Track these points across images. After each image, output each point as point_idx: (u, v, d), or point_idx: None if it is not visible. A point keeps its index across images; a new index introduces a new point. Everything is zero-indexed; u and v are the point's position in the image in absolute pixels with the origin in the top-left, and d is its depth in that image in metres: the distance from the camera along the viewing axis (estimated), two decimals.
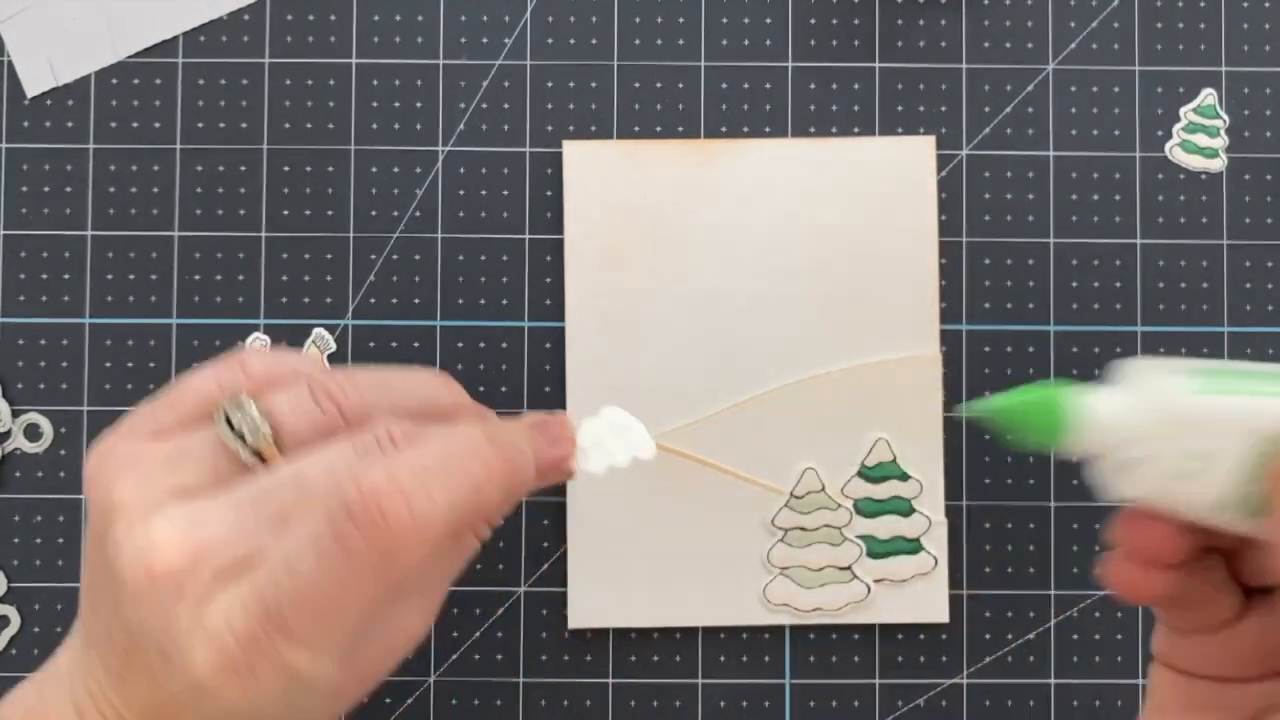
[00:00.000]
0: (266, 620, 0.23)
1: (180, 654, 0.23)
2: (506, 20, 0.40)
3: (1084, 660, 0.39)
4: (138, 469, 0.25)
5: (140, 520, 0.24)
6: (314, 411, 0.25)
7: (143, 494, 0.24)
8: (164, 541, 0.23)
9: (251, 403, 0.25)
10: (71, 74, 0.40)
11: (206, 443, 0.25)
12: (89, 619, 0.26)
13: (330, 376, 0.26)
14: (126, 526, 0.24)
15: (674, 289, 0.39)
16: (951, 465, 0.39)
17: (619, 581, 0.39)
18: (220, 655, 0.23)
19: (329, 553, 0.23)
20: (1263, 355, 0.40)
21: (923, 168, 0.40)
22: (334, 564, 0.23)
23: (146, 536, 0.23)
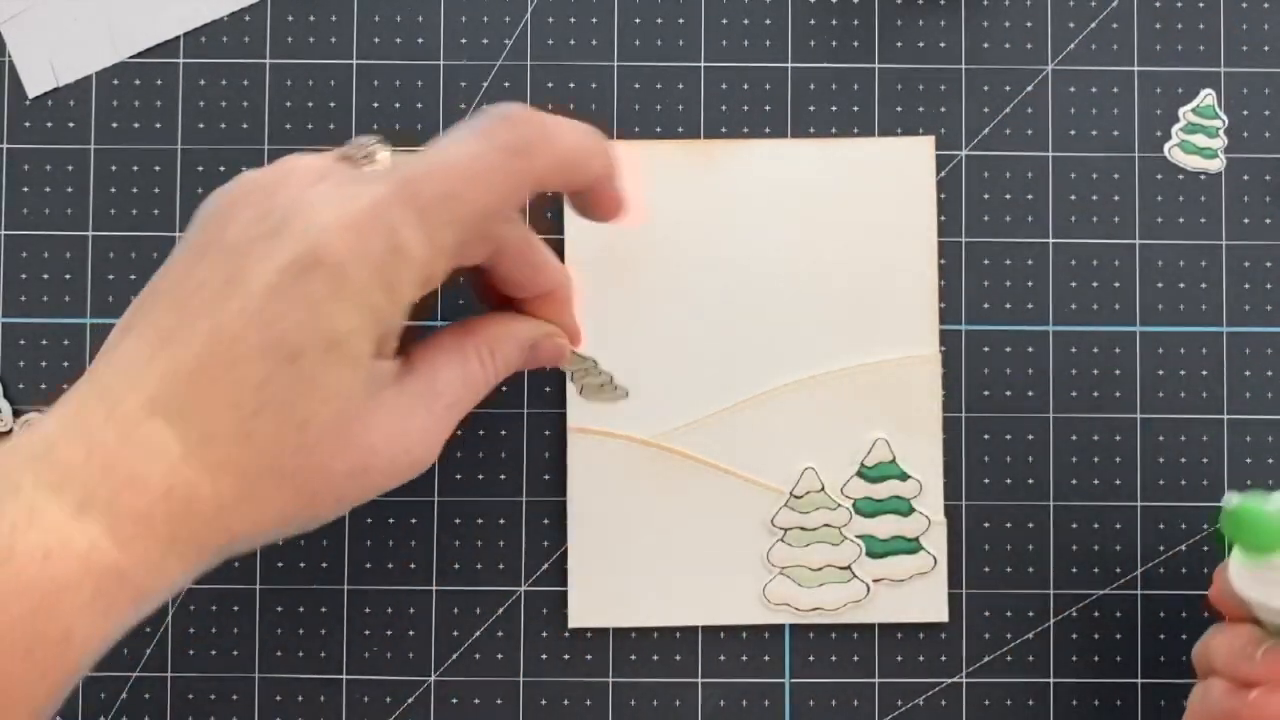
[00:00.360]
0: (401, 188, 0.27)
1: (306, 213, 0.26)
2: (507, 21, 0.40)
3: (1083, 660, 0.39)
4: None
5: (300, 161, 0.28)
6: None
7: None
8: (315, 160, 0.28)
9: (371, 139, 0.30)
10: (72, 74, 0.40)
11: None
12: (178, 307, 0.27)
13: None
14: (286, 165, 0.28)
15: (674, 289, 0.39)
16: (951, 465, 0.39)
17: (619, 581, 0.39)
18: (346, 214, 0.26)
19: (472, 138, 0.28)
20: (1262, 355, 0.40)
21: (922, 168, 0.40)
22: (473, 148, 0.28)
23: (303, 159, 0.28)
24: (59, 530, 0.25)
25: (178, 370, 0.26)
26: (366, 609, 0.40)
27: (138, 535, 0.26)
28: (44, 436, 0.26)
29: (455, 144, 0.28)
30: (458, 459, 0.40)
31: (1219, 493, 0.40)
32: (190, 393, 0.26)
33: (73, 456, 0.26)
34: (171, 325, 0.27)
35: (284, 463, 0.27)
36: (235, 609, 0.40)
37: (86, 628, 0.25)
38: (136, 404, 0.26)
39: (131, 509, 0.26)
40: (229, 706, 0.39)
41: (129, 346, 0.27)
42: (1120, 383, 0.40)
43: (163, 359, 0.26)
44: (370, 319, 0.27)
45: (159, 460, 0.26)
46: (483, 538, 0.40)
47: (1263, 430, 0.40)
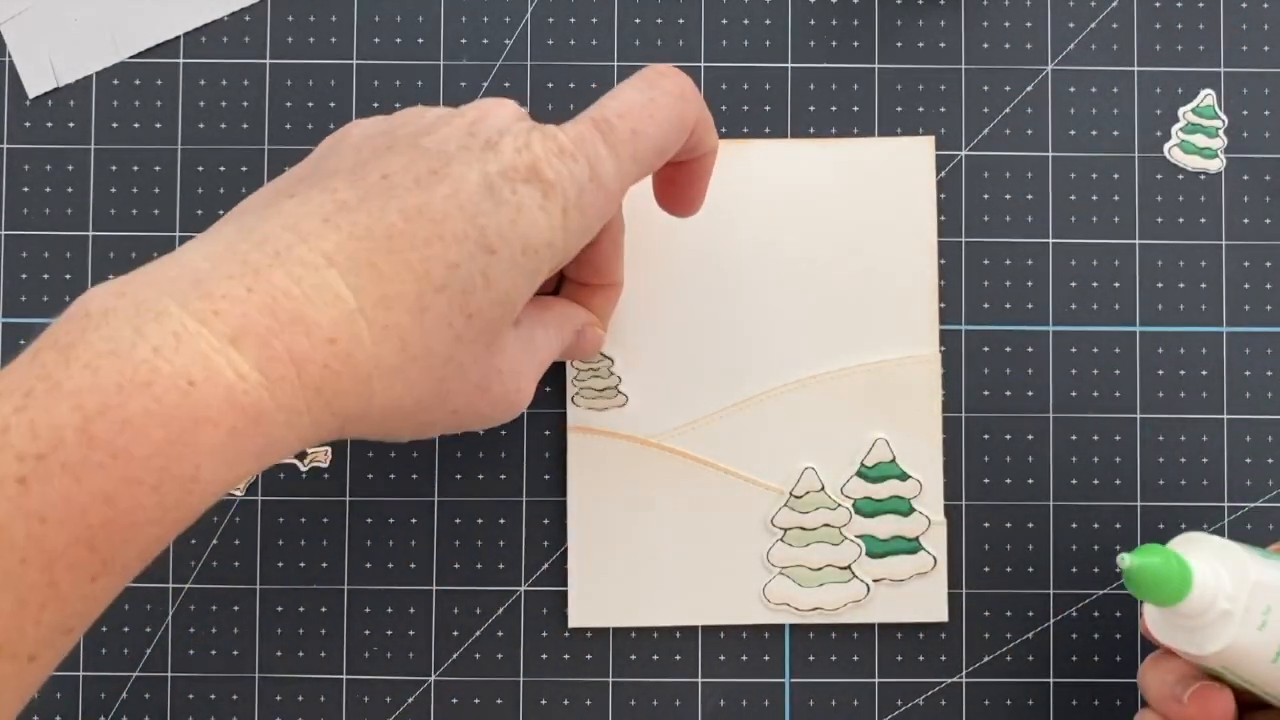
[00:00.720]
0: (596, 124, 0.29)
1: (520, 136, 0.28)
2: (507, 21, 0.40)
3: (1083, 660, 0.39)
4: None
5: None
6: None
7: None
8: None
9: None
10: (73, 74, 0.40)
11: None
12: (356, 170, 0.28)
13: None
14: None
15: (673, 289, 0.39)
16: (951, 465, 0.39)
17: (619, 581, 0.39)
18: (555, 142, 0.29)
19: (643, 86, 0.31)
20: (1262, 355, 0.40)
21: (922, 168, 0.40)
22: (647, 90, 0.30)
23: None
24: (206, 360, 0.24)
25: (364, 233, 0.27)
26: (366, 609, 0.40)
27: (288, 378, 0.25)
28: (190, 269, 0.26)
29: (630, 90, 0.31)
30: (458, 459, 0.40)
31: (1219, 493, 0.40)
32: (375, 255, 0.26)
33: (232, 289, 0.25)
34: (352, 198, 0.27)
35: (442, 347, 0.27)
36: (235, 609, 0.40)
37: (213, 470, 0.24)
38: (310, 253, 0.26)
39: (290, 349, 0.25)
40: (229, 706, 0.39)
41: (292, 207, 0.27)
42: (1120, 383, 0.40)
43: (344, 222, 0.27)
44: (560, 240, 0.29)
45: (330, 308, 0.26)
46: (483, 538, 0.40)
47: (1263, 430, 0.40)
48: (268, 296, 0.25)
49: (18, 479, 0.23)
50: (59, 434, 0.23)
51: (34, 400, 0.23)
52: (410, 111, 0.31)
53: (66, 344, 0.24)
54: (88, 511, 0.23)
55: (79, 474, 0.23)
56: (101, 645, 0.39)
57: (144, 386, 0.23)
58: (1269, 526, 0.39)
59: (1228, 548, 0.30)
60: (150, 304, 0.25)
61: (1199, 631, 0.30)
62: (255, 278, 0.25)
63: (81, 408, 0.23)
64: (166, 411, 0.24)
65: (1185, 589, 0.29)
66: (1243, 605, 0.29)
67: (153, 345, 0.24)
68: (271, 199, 0.28)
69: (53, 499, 0.23)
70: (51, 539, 0.23)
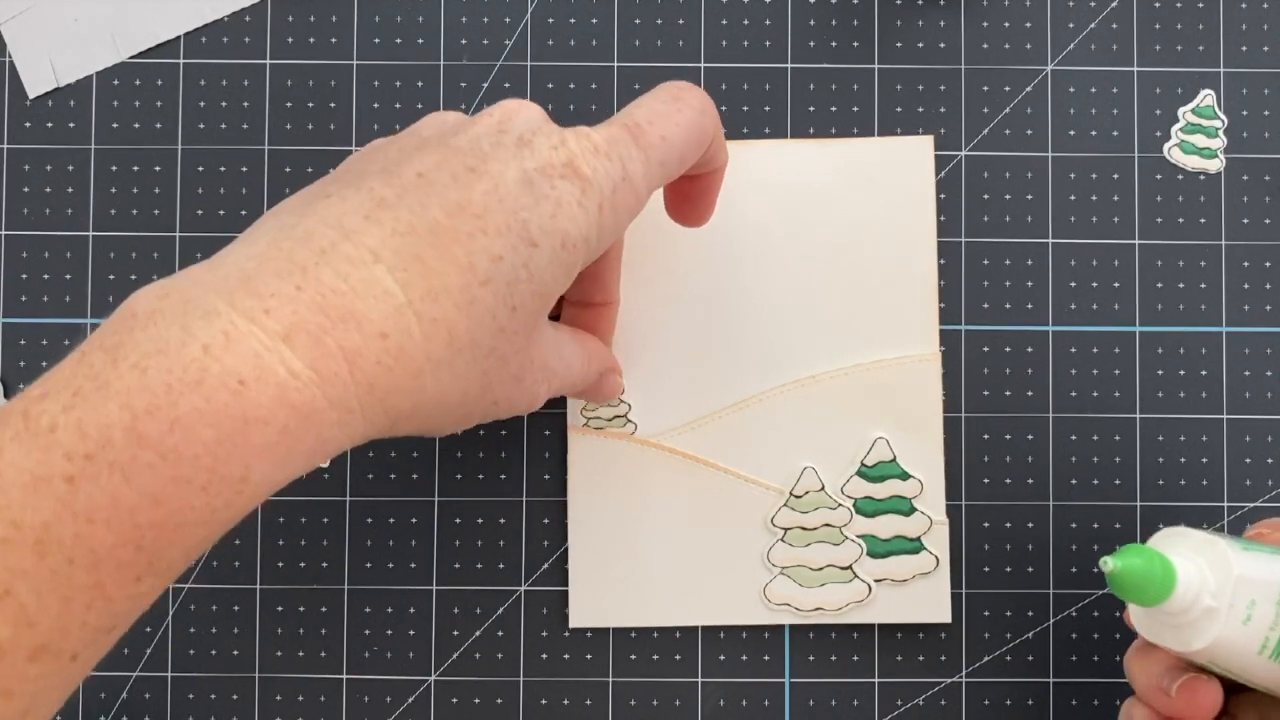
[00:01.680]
0: (627, 128, 0.30)
1: (554, 134, 0.29)
2: (507, 21, 0.40)
3: (1083, 660, 0.39)
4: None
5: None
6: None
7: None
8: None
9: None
10: (73, 74, 0.40)
11: None
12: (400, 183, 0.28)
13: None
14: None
15: (673, 289, 0.39)
16: (951, 465, 0.39)
17: (619, 581, 0.39)
18: (589, 140, 0.29)
19: (667, 98, 0.31)
20: (1262, 355, 0.40)
21: (922, 168, 0.40)
22: (672, 102, 0.31)
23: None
24: (257, 358, 0.24)
25: (406, 229, 0.27)
26: (366, 609, 0.40)
27: (340, 374, 0.25)
28: (236, 268, 0.26)
29: (655, 100, 0.31)
30: (458, 459, 0.40)
31: (1219, 493, 0.40)
32: (420, 250, 0.26)
33: (280, 287, 0.25)
34: (391, 195, 0.27)
35: (487, 339, 0.28)
36: (235, 609, 0.40)
37: (263, 471, 0.24)
38: (355, 249, 0.26)
39: (342, 345, 0.25)
40: (229, 706, 0.39)
41: (330, 205, 0.27)
42: (1120, 383, 0.40)
43: (385, 219, 0.27)
44: (594, 236, 0.29)
45: (380, 302, 0.26)
46: (483, 538, 0.40)
47: (1263, 430, 0.40)
48: (317, 293, 0.25)
49: (66, 478, 0.23)
50: (107, 433, 0.23)
51: (82, 399, 0.23)
52: (430, 118, 0.31)
53: (113, 344, 0.24)
54: (136, 512, 0.23)
55: (128, 474, 0.23)
56: None
57: (194, 385, 0.23)
58: None
59: (1210, 542, 0.30)
60: (198, 303, 0.24)
61: (1184, 629, 0.29)
62: (303, 275, 0.25)
63: (130, 407, 0.23)
64: (216, 411, 0.23)
65: (1169, 589, 0.29)
66: (1227, 600, 0.29)
67: (202, 344, 0.24)
68: (307, 200, 0.28)
69: (100, 499, 0.23)
70: (99, 539, 0.23)
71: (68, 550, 0.23)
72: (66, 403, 0.23)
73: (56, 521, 0.22)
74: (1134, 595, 0.29)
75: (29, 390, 0.24)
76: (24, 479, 0.23)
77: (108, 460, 0.23)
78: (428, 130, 0.30)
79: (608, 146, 0.29)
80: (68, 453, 0.23)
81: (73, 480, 0.23)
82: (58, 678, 0.23)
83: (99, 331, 0.25)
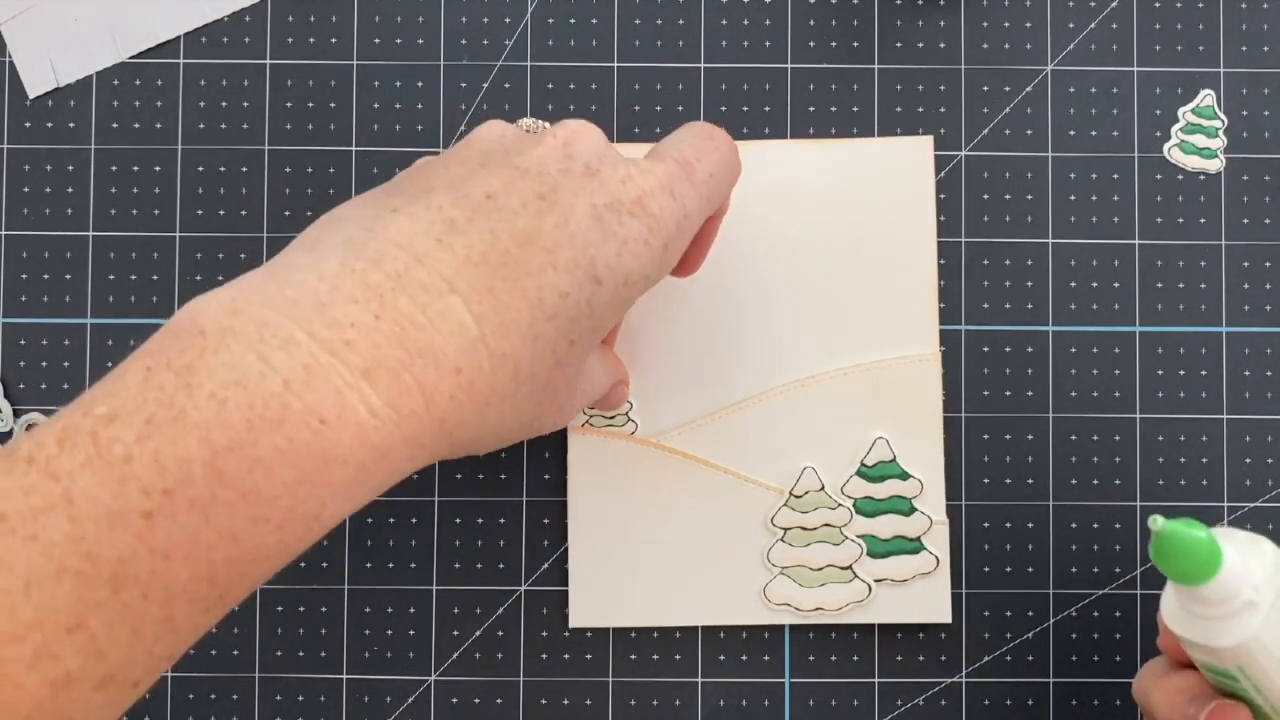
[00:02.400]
0: (680, 164, 0.30)
1: (622, 167, 0.29)
2: (507, 22, 0.40)
3: (1083, 660, 0.39)
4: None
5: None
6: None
7: None
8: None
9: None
10: (73, 74, 0.40)
11: None
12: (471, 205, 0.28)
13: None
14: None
15: (673, 289, 0.39)
16: (950, 465, 0.39)
17: (619, 581, 0.39)
18: (654, 177, 0.29)
19: (703, 135, 0.32)
20: (1262, 355, 0.40)
21: (922, 168, 0.40)
22: (709, 139, 0.32)
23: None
24: (338, 396, 0.23)
25: (479, 258, 0.26)
26: (366, 609, 0.40)
27: (418, 413, 0.25)
28: (308, 290, 0.25)
29: (694, 137, 0.32)
30: (458, 459, 0.40)
31: (1219, 493, 0.40)
32: (492, 282, 0.26)
33: (359, 316, 0.24)
34: (460, 218, 0.27)
35: (545, 372, 0.28)
36: (235, 609, 0.39)
37: (336, 507, 0.24)
38: (430, 277, 0.25)
39: (420, 382, 0.25)
40: (229, 706, 0.39)
41: (401, 224, 0.26)
42: (1120, 383, 0.40)
43: (458, 244, 0.26)
44: (654, 274, 0.30)
45: (456, 337, 0.25)
46: (483, 538, 0.40)
47: (1263, 430, 0.40)
48: (395, 325, 0.25)
49: (143, 514, 0.22)
50: (187, 470, 0.22)
51: (157, 430, 0.23)
52: (486, 129, 0.31)
53: (183, 365, 0.23)
54: (213, 549, 0.23)
55: (207, 512, 0.22)
56: None
57: (275, 424, 0.23)
58: (1269, 526, 0.39)
59: (1254, 540, 0.29)
60: (274, 328, 0.24)
61: (1220, 621, 0.28)
62: (381, 304, 0.25)
63: (210, 442, 0.23)
64: (298, 450, 0.23)
65: (1213, 568, 0.27)
66: (1269, 600, 0.28)
67: (283, 378, 0.23)
68: (373, 212, 0.27)
69: (178, 536, 0.22)
70: (174, 575, 0.22)
71: (143, 585, 0.22)
72: (141, 431, 0.23)
73: (133, 557, 0.22)
74: (1176, 565, 0.28)
75: (90, 404, 0.23)
76: (99, 511, 0.22)
77: (187, 497, 0.22)
78: (487, 144, 0.30)
79: (671, 185, 0.29)
80: (145, 487, 0.22)
81: (150, 516, 0.22)
82: (119, 704, 0.23)
83: (162, 344, 0.24)
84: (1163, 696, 0.31)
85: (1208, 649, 0.29)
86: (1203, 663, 0.30)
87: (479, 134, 0.30)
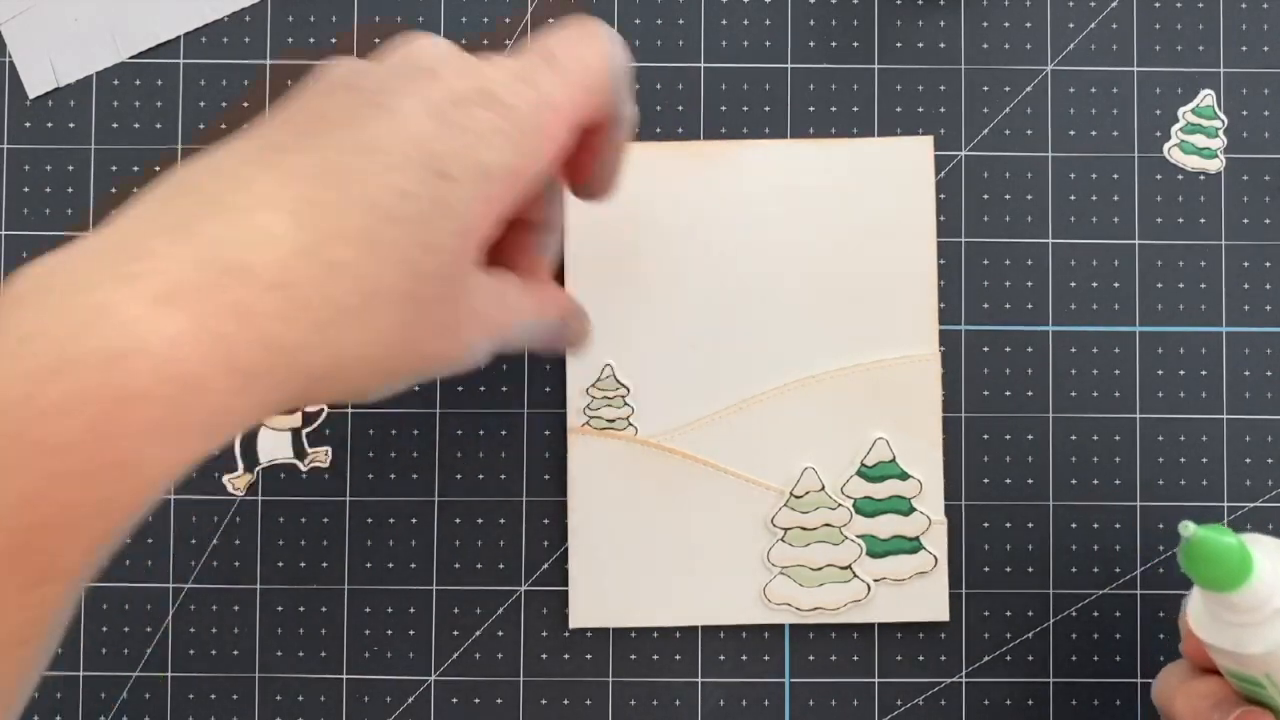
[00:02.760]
0: (541, 54, 0.28)
1: (464, 61, 0.27)
2: (507, 22, 0.40)
3: (1083, 660, 0.39)
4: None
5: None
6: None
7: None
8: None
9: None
10: (73, 74, 0.40)
11: None
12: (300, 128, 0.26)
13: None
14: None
15: (673, 290, 0.39)
16: (951, 465, 0.39)
17: (619, 581, 0.39)
18: (504, 68, 0.28)
19: (579, 29, 0.29)
20: (1262, 355, 0.40)
21: (922, 168, 0.40)
22: (584, 33, 0.29)
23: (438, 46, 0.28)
24: (131, 329, 0.21)
25: (302, 171, 0.25)
26: (366, 609, 0.40)
27: (229, 335, 0.22)
28: (122, 231, 0.23)
29: (566, 31, 0.29)
30: (458, 459, 0.40)
31: (1219, 493, 0.40)
32: (317, 190, 0.24)
33: (159, 245, 0.23)
34: (287, 140, 0.25)
35: (401, 283, 0.25)
36: (235, 609, 0.40)
37: (155, 453, 0.22)
38: (245, 198, 0.24)
39: (231, 301, 0.23)
40: (229, 706, 0.39)
41: (219, 156, 0.25)
42: (1120, 383, 0.40)
43: (279, 164, 0.25)
44: (520, 165, 0.27)
45: (271, 248, 0.23)
46: (483, 538, 0.40)
47: (1263, 430, 0.40)
48: (200, 245, 0.23)
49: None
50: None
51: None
52: (337, 61, 0.29)
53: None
54: (11, 514, 0.21)
55: (1, 474, 0.21)
56: (101, 645, 0.39)
57: (63, 370, 0.21)
58: (1269, 526, 0.39)
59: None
60: (80, 275, 0.22)
61: (1250, 629, 0.28)
62: (187, 231, 0.23)
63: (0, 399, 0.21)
64: (86, 393, 0.21)
65: (1244, 576, 0.27)
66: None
67: (76, 322, 0.21)
68: (201, 156, 0.26)
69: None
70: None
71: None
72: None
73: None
74: (1206, 572, 0.27)
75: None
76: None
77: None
78: (336, 74, 0.28)
79: (526, 73, 0.27)
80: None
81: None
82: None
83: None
84: (1186, 702, 0.31)
85: (1236, 656, 0.29)
86: (1228, 669, 0.30)
87: (331, 66, 0.29)
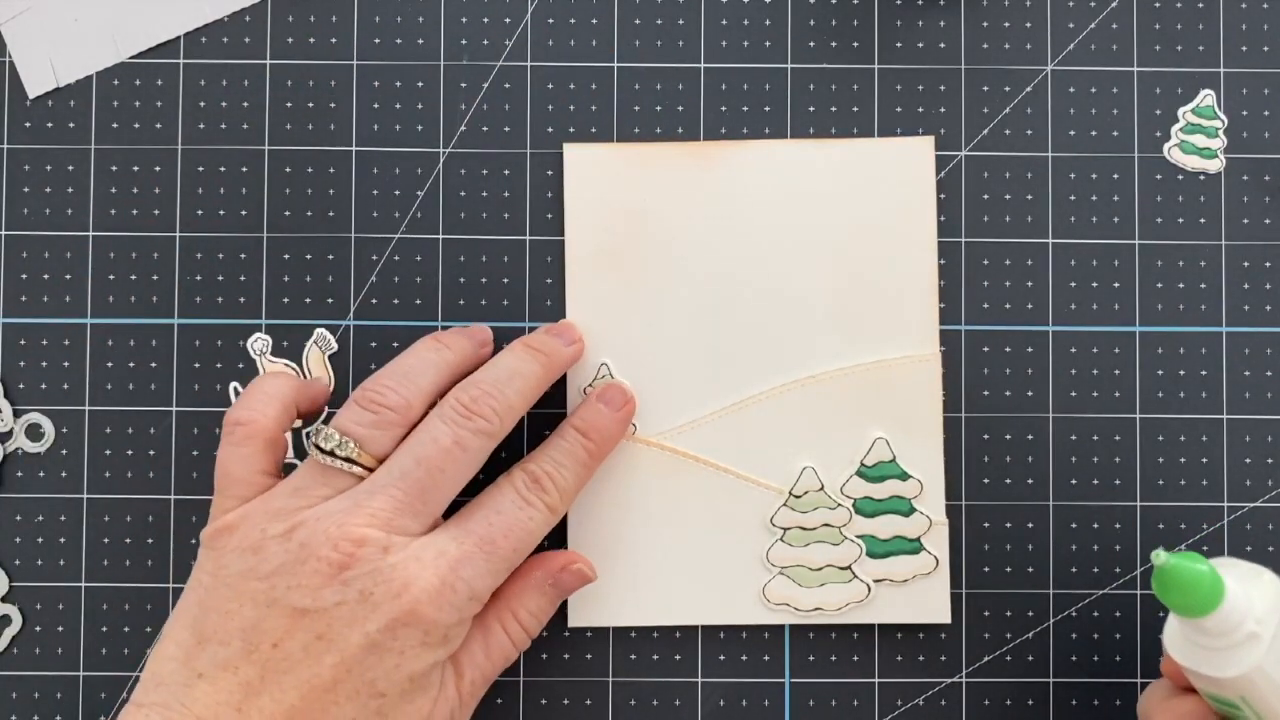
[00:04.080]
0: (480, 546, 0.33)
1: (396, 580, 0.31)
2: (507, 22, 0.40)
3: (1083, 660, 0.39)
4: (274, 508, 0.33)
5: (331, 518, 0.32)
6: (372, 418, 0.33)
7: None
8: (364, 526, 0.32)
9: (334, 431, 0.33)
10: (73, 74, 0.40)
11: (312, 471, 0.33)
12: (235, 642, 0.31)
13: (369, 385, 0.34)
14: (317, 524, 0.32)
15: (674, 290, 0.39)
16: (950, 465, 0.39)
17: (619, 581, 0.39)
18: (437, 574, 0.32)
19: (521, 501, 0.35)
20: (1262, 355, 0.40)
21: (922, 168, 0.40)
22: (525, 508, 0.35)
23: (341, 528, 0.32)
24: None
25: (274, 717, 0.31)
26: None
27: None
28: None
29: (511, 506, 0.34)
30: None
31: (1219, 493, 0.40)
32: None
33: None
34: (254, 678, 0.31)
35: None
36: None
37: None
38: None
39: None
40: None
41: (205, 693, 0.31)
42: (1120, 383, 0.40)
43: (253, 711, 0.30)
44: (445, 651, 0.33)
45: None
46: None
47: (1263, 430, 0.40)
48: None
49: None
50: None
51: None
52: (276, 535, 0.32)
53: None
54: None
55: None
56: (101, 645, 0.39)
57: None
58: (1269, 526, 0.40)
59: (1259, 572, 0.29)
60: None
61: (1223, 653, 0.28)
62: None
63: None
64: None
65: (1215, 601, 0.28)
66: (1271, 631, 0.28)
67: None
68: (185, 677, 0.31)
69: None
70: None
71: None
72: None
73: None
74: (1178, 598, 0.28)
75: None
76: None
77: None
78: (273, 562, 0.32)
79: (454, 576, 0.32)
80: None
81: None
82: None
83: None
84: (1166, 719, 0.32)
85: (1211, 679, 0.29)
86: (1206, 691, 0.30)
87: (273, 544, 0.32)
